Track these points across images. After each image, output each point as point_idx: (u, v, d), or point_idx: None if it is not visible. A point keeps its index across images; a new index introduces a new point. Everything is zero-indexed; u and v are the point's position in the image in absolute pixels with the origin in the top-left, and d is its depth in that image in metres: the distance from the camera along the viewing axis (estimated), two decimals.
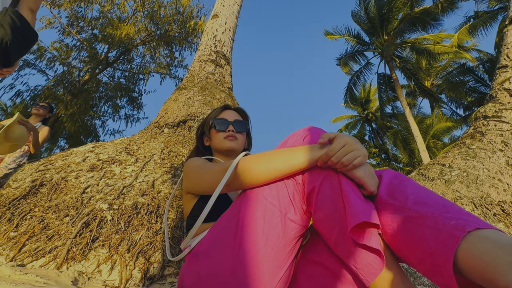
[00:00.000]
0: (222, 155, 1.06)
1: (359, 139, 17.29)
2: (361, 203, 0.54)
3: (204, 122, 1.13)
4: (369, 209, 0.53)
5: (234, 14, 4.32)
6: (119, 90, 9.91)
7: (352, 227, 0.51)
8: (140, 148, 2.13)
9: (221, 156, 1.07)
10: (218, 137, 1.05)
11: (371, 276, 0.52)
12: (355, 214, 0.51)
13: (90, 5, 8.84)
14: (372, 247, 0.51)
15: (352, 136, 0.62)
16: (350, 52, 14.02)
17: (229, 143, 1.03)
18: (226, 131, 1.04)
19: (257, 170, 0.64)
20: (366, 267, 0.52)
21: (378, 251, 0.51)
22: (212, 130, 1.07)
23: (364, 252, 0.52)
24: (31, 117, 2.78)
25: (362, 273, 0.53)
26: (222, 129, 1.04)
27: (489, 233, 0.44)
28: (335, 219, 0.55)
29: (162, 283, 1.17)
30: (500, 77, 3.06)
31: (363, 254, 0.52)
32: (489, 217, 2.09)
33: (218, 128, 1.05)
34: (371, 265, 0.51)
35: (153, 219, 1.47)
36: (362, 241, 0.51)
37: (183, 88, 3.15)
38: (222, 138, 1.04)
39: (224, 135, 1.04)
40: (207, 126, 1.09)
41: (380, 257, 0.51)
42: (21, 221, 1.33)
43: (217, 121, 1.06)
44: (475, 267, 0.42)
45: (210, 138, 1.08)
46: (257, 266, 0.57)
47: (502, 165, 2.47)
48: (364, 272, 0.52)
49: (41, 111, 2.77)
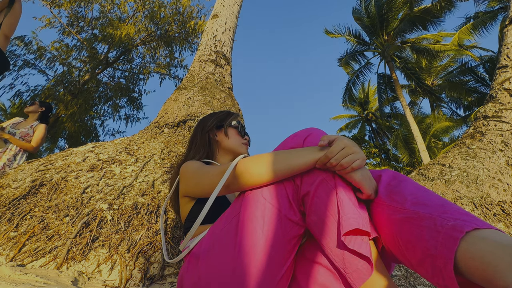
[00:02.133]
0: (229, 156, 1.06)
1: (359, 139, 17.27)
2: (355, 209, 0.55)
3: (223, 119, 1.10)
4: (362, 217, 0.54)
5: (234, 14, 4.32)
6: (119, 90, 9.91)
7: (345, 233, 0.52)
8: (140, 148, 2.13)
9: (227, 156, 1.06)
10: (238, 139, 1.07)
11: (359, 281, 0.53)
12: (348, 221, 0.52)
13: (90, 5, 8.84)
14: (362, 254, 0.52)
15: (351, 139, 0.62)
16: (350, 52, 14.02)
17: (245, 149, 1.07)
18: (244, 137, 1.09)
19: (256, 172, 0.64)
20: (355, 272, 0.53)
21: (367, 258, 0.52)
22: (234, 130, 1.08)
23: (354, 257, 0.53)
24: (29, 117, 2.76)
25: (351, 277, 0.54)
26: (242, 134, 1.09)
27: (489, 233, 0.44)
28: (328, 223, 0.56)
29: (162, 283, 1.17)
30: (500, 77, 3.06)
31: (353, 259, 0.53)
32: (489, 217, 2.09)
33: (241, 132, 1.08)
34: (360, 270, 0.52)
35: (153, 219, 1.47)
36: (354, 246, 0.52)
37: (183, 88, 3.15)
38: (241, 143, 1.07)
39: (243, 141, 1.08)
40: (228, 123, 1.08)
41: (369, 264, 0.52)
42: (21, 221, 1.33)
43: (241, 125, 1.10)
44: (475, 268, 0.42)
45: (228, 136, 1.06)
46: (257, 266, 0.58)
47: (502, 165, 2.47)
48: (352, 276, 0.53)
49: (30, 108, 2.72)
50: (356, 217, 0.53)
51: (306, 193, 0.60)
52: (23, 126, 2.68)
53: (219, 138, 1.07)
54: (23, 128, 2.66)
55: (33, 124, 2.70)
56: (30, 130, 2.68)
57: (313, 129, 0.72)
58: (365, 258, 0.52)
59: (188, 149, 1.10)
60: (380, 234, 0.59)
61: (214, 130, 1.08)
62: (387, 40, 12.83)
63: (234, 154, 1.05)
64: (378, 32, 12.69)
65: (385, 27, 12.46)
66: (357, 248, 0.52)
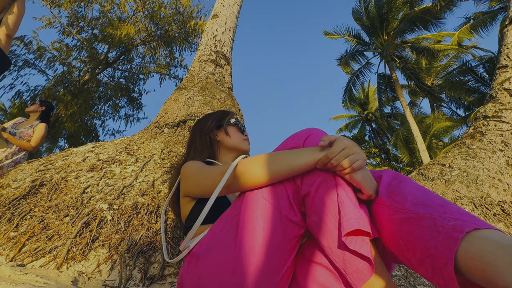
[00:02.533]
0: (232, 154, 1.07)
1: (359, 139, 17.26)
2: (356, 210, 0.54)
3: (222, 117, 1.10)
4: (363, 217, 0.54)
5: (234, 14, 4.32)
6: (119, 90, 9.91)
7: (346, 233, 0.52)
8: (140, 148, 2.13)
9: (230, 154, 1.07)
10: (239, 136, 1.07)
11: (359, 282, 0.53)
12: (349, 221, 0.52)
13: (90, 5, 8.84)
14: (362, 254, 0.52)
15: (351, 139, 0.62)
16: (350, 52, 14.01)
17: (248, 145, 1.08)
18: (244, 134, 1.10)
19: (256, 172, 0.64)
20: (356, 273, 0.53)
21: (368, 259, 0.52)
22: (234, 128, 1.08)
23: (355, 258, 0.52)
24: (30, 116, 2.77)
25: (351, 278, 0.54)
26: (242, 131, 1.10)
27: (488, 233, 0.44)
28: (328, 224, 0.56)
29: (162, 283, 1.17)
30: (500, 77, 3.06)
31: (354, 260, 0.53)
32: (489, 217, 2.09)
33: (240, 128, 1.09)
34: (360, 271, 0.52)
35: (153, 219, 1.47)
36: (354, 247, 0.52)
37: (183, 88, 3.15)
38: (243, 140, 1.08)
39: (244, 137, 1.09)
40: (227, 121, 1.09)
41: (370, 264, 0.52)
42: (21, 221, 1.33)
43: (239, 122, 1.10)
44: (475, 268, 0.42)
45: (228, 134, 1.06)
46: (257, 266, 0.58)
47: (502, 165, 2.47)
48: (353, 277, 0.53)
49: (31, 107, 2.75)
50: (357, 217, 0.53)
51: (306, 194, 0.60)
52: (23, 126, 2.69)
53: (220, 138, 1.07)
54: (23, 127, 2.67)
55: (33, 123, 2.71)
56: (30, 130, 2.68)
57: (314, 129, 0.72)
58: (365, 259, 0.52)
59: (187, 151, 1.10)
60: (381, 234, 0.59)
61: (214, 131, 1.08)
62: (387, 40, 12.83)
63: (238, 151, 1.06)
64: (378, 32, 12.70)
65: (385, 27, 12.46)
66: (357, 248, 0.51)
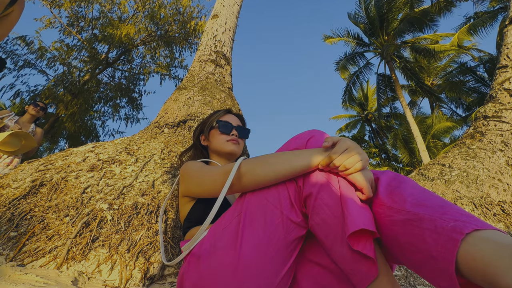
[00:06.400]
0: (220, 157, 1.07)
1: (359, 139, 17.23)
2: (360, 209, 0.54)
3: (206, 122, 1.12)
4: (367, 216, 0.54)
5: (234, 14, 4.32)
6: (119, 90, 9.92)
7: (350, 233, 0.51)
8: (140, 148, 2.13)
9: (218, 158, 1.07)
10: (220, 139, 1.05)
11: (363, 282, 0.52)
12: (354, 221, 0.52)
13: (91, 5, 8.84)
14: (366, 255, 0.51)
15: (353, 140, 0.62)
16: (349, 54, 13.98)
17: (232, 146, 1.04)
18: (230, 134, 1.06)
19: (259, 173, 0.64)
20: (359, 273, 0.52)
21: (372, 259, 0.52)
22: (215, 131, 1.07)
23: (359, 259, 0.52)
24: (26, 116, 2.76)
25: (355, 279, 0.53)
26: (226, 132, 1.06)
27: (489, 234, 0.44)
28: (331, 224, 0.55)
29: (162, 283, 1.17)
30: (500, 77, 3.06)
31: (358, 260, 0.52)
32: (489, 217, 2.09)
33: (222, 130, 1.06)
34: (364, 271, 0.52)
35: (153, 219, 1.47)
36: (358, 247, 0.51)
37: (183, 88, 3.15)
38: (225, 141, 1.05)
39: (227, 138, 1.05)
40: (208, 126, 1.09)
41: (373, 265, 0.52)
42: (21, 221, 1.33)
43: (222, 123, 1.07)
44: (476, 269, 0.42)
45: (209, 139, 1.08)
46: (258, 266, 0.58)
47: (502, 165, 2.47)
48: (357, 277, 0.53)
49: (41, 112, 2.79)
50: (362, 217, 0.53)
51: (308, 195, 0.60)
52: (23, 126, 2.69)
53: (205, 142, 1.11)
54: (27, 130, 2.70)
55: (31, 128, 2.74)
56: None
57: (316, 131, 0.72)
58: (369, 260, 0.52)
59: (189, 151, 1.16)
60: (381, 235, 0.59)
61: (201, 136, 1.13)
62: (387, 40, 12.83)
63: (224, 155, 1.05)
64: (378, 33, 12.69)
65: (385, 27, 12.46)
66: (361, 249, 0.51)
